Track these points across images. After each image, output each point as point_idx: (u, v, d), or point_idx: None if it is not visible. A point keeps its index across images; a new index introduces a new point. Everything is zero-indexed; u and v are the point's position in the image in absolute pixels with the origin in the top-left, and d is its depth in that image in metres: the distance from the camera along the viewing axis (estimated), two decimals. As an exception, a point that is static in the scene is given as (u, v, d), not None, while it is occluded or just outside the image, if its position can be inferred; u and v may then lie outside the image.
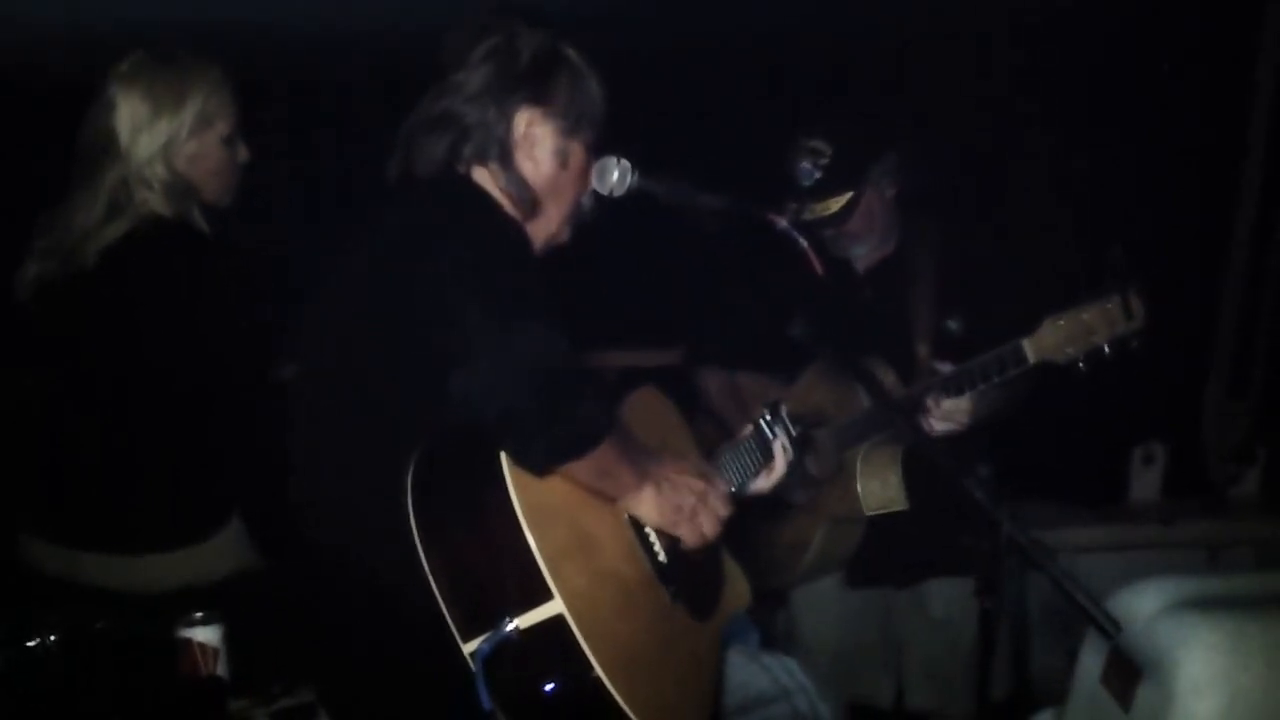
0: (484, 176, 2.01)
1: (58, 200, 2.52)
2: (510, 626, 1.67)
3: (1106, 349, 2.48)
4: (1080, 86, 4.26)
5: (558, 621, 1.67)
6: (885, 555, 2.98)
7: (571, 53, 2.05)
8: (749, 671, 2.40)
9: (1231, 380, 4.63)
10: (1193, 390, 4.63)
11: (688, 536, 2.00)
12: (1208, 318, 4.60)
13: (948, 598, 3.01)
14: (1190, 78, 4.20)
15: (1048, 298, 2.61)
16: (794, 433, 2.46)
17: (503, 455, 1.74)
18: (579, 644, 1.67)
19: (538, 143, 2.02)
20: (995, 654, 2.94)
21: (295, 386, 2.07)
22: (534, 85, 2.00)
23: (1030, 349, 2.55)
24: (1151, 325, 2.47)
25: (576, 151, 2.06)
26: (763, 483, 2.43)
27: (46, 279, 2.51)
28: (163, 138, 2.49)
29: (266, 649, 2.32)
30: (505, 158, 2.00)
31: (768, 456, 2.41)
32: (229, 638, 2.28)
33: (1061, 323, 2.51)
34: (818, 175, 2.80)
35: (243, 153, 2.65)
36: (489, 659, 1.66)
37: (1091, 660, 2.55)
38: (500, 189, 2.01)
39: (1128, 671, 2.37)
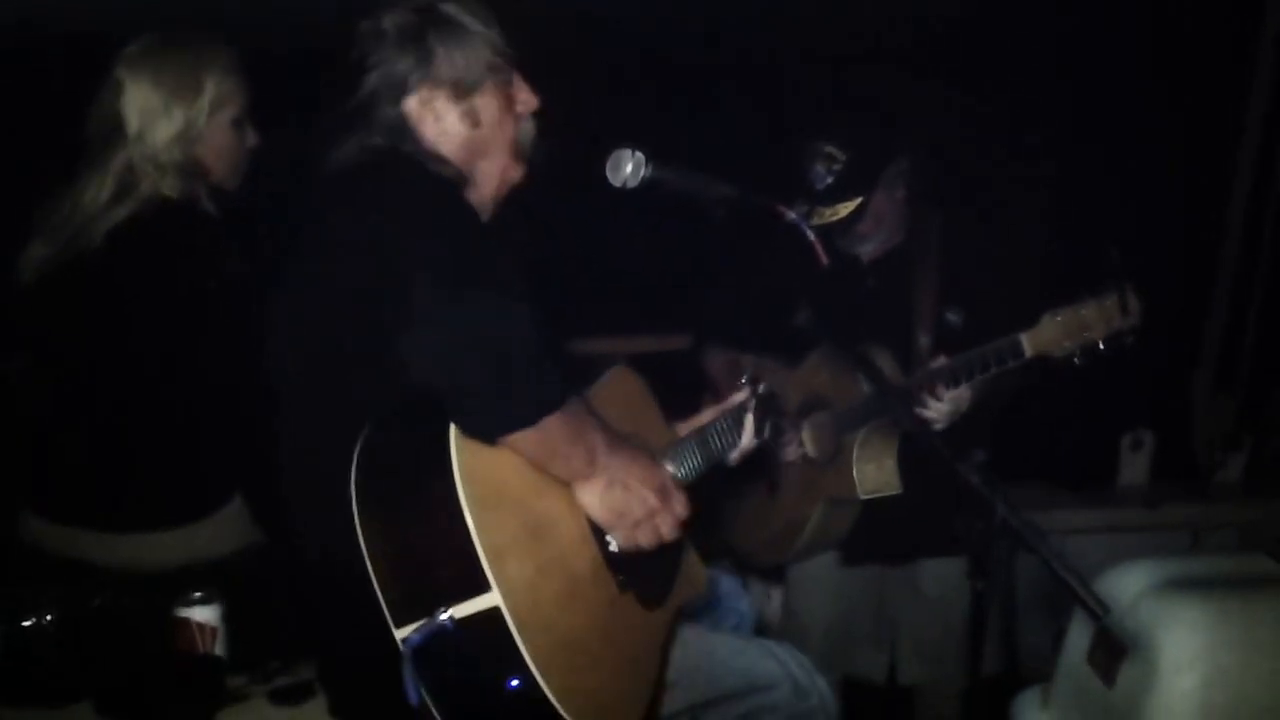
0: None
1: (62, 182, 2.51)
2: (445, 616, 1.62)
3: (1102, 345, 2.51)
4: (1074, 78, 4.28)
5: (494, 613, 1.62)
6: (880, 534, 3.03)
7: (440, 11, 2.01)
8: (749, 656, 2.38)
9: (1219, 369, 4.68)
10: (1181, 378, 4.68)
11: (622, 542, 1.93)
12: (1197, 307, 4.64)
13: (940, 577, 3.07)
14: (1186, 71, 4.22)
15: (1047, 293, 2.64)
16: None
17: (451, 437, 1.68)
18: (513, 637, 1.62)
19: (440, 116, 2.02)
20: (985, 632, 3.02)
21: (282, 373, 2.03)
22: (407, 64, 1.99)
23: (1028, 343, 2.59)
24: (1142, 314, 2.49)
25: (486, 104, 2.04)
26: (737, 454, 2.45)
27: (52, 259, 2.48)
28: (180, 123, 2.48)
29: (264, 627, 2.30)
30: (417, 140, 2.01)
31: (740, 425, 2.44)
32: (228, 616, 2.26)
33: (1059, 318, 2.54)
34: (829, 180, 2.82)
35: (251, 137, 2.64)
36: (419, 649, 1.62)
37: (1078, 639, 2.62)
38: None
39: (1113, 650, 2.44)
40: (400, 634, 1.64)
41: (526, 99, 2.11)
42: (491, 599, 1.62)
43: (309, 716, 2.12)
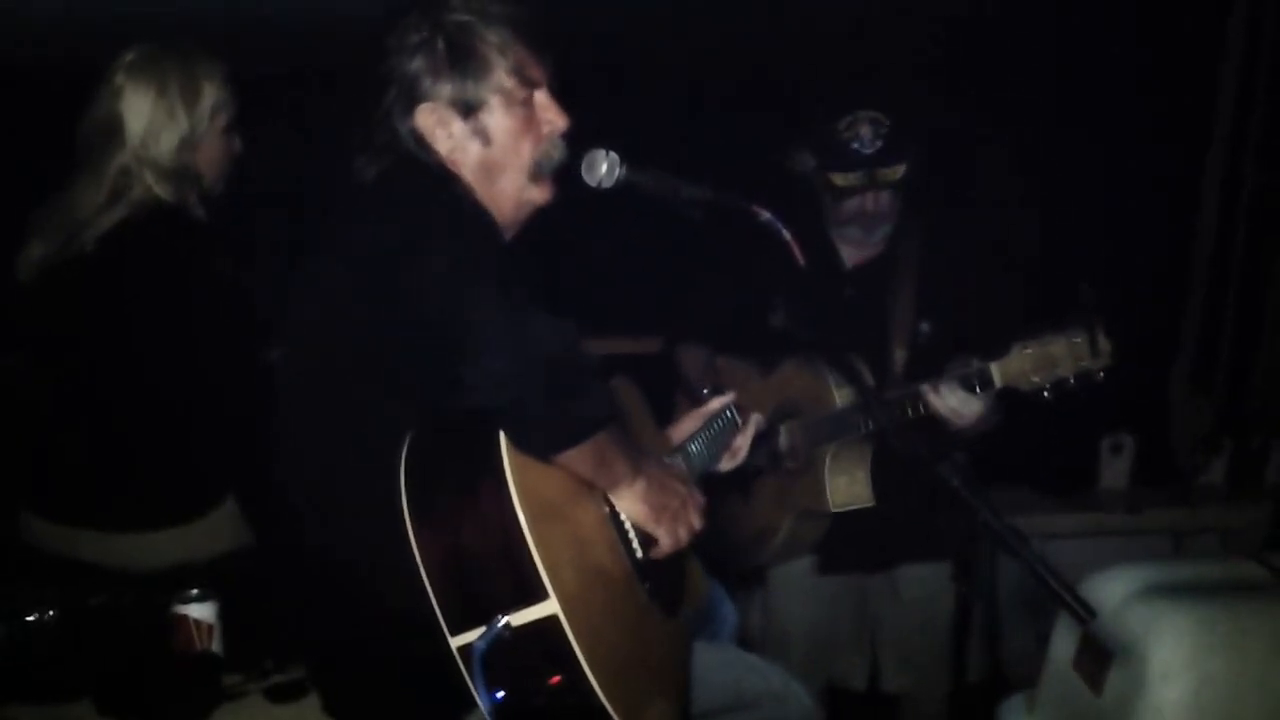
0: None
1: (57, 186, 2.55)
2: (502, 623, 1.66)
3: (1072, 381, 2.48)
4: (1052, 74, 4.29)
5: (552, 621, 1.66)
6: (858, 541, 3.01)
7: (451, 26, 1.96)
8: (734, 670, 2.38)
9: (1197, 372, 4.69)
10: (1160, 382, 4.69)
11: (665, 538, 1.98)
12: (1174, 311, 4.66)
13: (920, 582, 3.06)
14: (1157, 75, 4.24)
15: (1022, 314, 2.62)
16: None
17: (502, 445, 1.71)
18: (570, 644, 1.66)
19: (451, 132, 1.98)
20: (969, 637, 3.00)
21: (281, 373, 2.04)
22: (414, 77, 1.96)
23: (998, 373, 2.56)
24: (1121, 318, 2.47)
25: (496, 122, 1.98)
26: (728, 464, 2.50)
27: (47, 262, 2.53)
28: (185, 130, 2.53)
29: (260, 625, 2.33)
30: (433, 154, 1.98)
31: (734, 433, 2.48)
32: (223, 614, 2.29)
33: (1029, 351, 2.51)
34: (880, 143, 2.82)
35: (236, 144, 2.69)
36: (483, 656, 1.65)
37: (1063, 644, 2.60)
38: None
39: (1099, 656, 2.43)
40: (457, 641, 1.68)
41: (552, 119, 2.03)
42: (549, 607, 1.66)
43: (306, 713, 2.12)
